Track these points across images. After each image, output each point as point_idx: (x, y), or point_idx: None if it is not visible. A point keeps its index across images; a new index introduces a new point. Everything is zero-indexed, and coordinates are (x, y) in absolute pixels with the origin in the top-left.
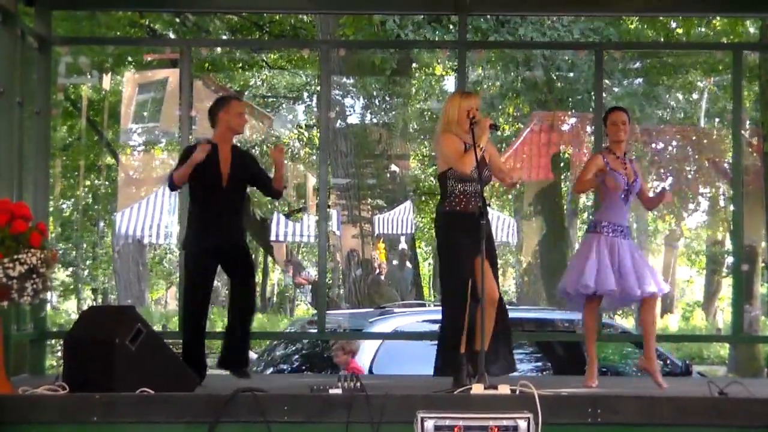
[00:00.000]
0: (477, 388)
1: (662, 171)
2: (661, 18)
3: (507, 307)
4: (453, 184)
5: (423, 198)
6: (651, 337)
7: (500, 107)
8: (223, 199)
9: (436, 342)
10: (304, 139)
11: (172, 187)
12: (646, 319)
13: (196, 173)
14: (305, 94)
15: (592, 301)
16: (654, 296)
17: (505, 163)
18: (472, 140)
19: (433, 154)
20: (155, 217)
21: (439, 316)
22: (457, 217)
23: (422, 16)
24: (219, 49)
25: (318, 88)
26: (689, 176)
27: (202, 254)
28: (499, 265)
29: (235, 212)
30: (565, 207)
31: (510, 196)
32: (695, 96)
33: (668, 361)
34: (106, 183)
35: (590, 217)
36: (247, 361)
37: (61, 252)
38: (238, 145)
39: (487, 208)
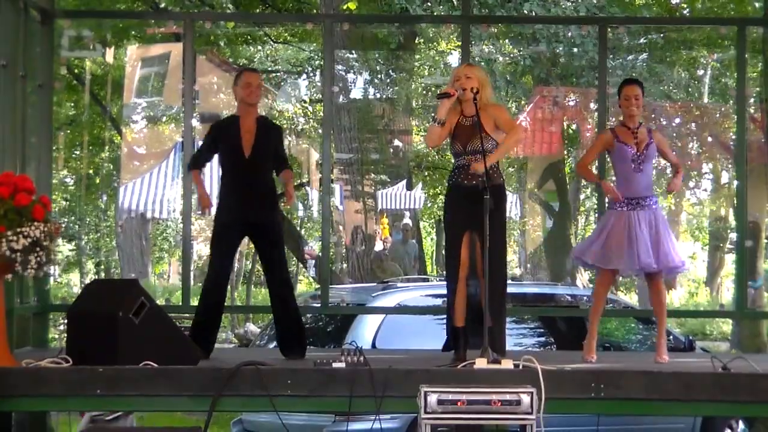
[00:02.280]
0: (480, 363)
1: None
2: None
3: (510, 281)
4: (453, 158)
5: (426, 173)
6: (659, 317)
7: (504, 82)
8: (248, 171)
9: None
10: (308, 114)
11: (190, 169)
12: (651, 297)
13: (220, 149)
14: (309, 69)
15: (605, 274)
16: (658, 273)
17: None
18: (473, 112)
19: None
20: (158, 191)
21: (441, 291)
22: (451, 191)
23: None
24: (222, 23)
25: (321, 62)
26: (692, 152)
27: (226, 228)
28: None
29: (262, 185)
30: (568, 182)
31: (512, 170)
32: (699, 72)
33: (671, 337)
34: (110, 157)
35: (593, 192)
36: (298, 344)
37: (64, 226)
38: (267, 116)
39: (492, 182)
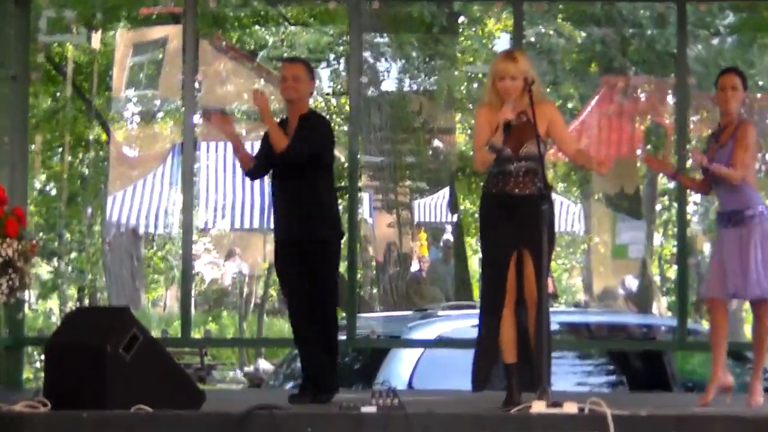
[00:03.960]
0: (538, 406)
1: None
2: None
3: (573, 309)
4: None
5: (472, 179)
6: (756, 352)
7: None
8: (289, 180)
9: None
10: (331, 109)
11: (249, 176)
12: (753, 327)
13: (267, 153)
14: (332, 56)
15: (710, 303)
16: (761, 301)
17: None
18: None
19: None
20: (153, 202)
21: None
22: (492, 200)
23: None
24: (231, 2)
25: (347, 48)
26: None
27: (278, 248)
28: (553, 259)
29: (306, 196)
30: (642, 189)
31: (575, 177)
32: None
33: None
34: (96, 160)
35: (673, 202)
36: (323, 386)
37: (41, 243)
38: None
39: (550, 191)
